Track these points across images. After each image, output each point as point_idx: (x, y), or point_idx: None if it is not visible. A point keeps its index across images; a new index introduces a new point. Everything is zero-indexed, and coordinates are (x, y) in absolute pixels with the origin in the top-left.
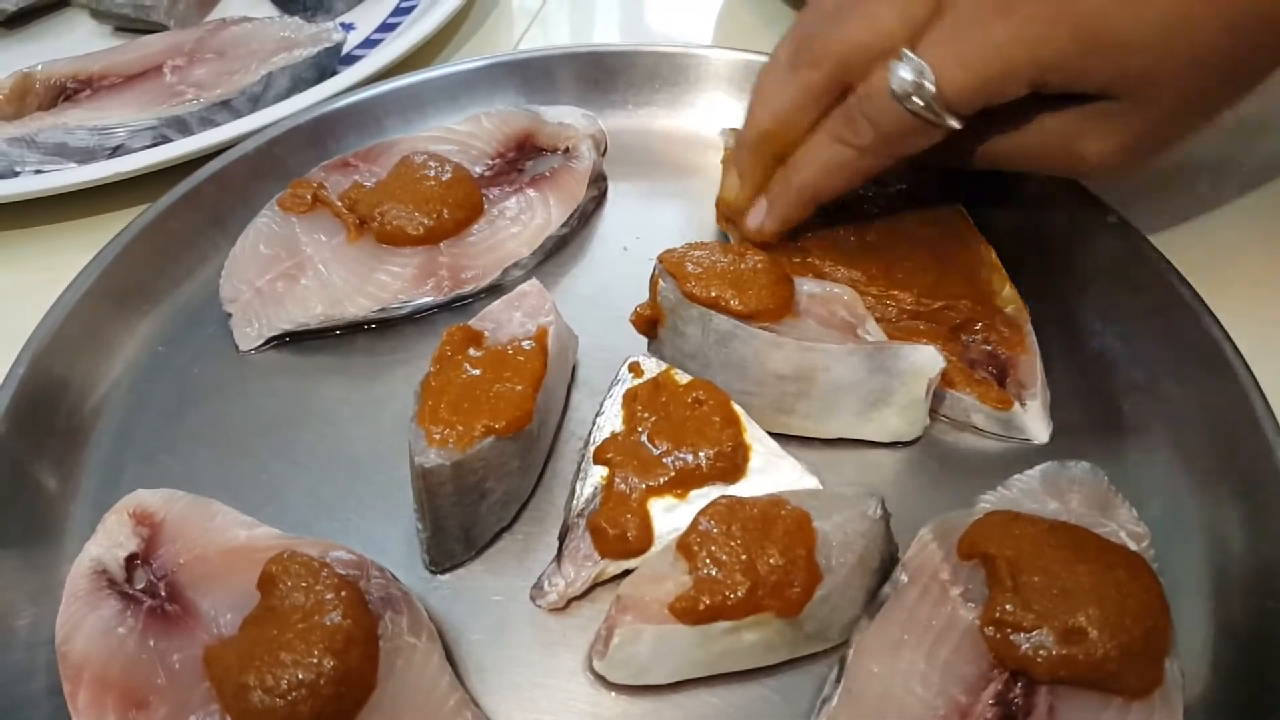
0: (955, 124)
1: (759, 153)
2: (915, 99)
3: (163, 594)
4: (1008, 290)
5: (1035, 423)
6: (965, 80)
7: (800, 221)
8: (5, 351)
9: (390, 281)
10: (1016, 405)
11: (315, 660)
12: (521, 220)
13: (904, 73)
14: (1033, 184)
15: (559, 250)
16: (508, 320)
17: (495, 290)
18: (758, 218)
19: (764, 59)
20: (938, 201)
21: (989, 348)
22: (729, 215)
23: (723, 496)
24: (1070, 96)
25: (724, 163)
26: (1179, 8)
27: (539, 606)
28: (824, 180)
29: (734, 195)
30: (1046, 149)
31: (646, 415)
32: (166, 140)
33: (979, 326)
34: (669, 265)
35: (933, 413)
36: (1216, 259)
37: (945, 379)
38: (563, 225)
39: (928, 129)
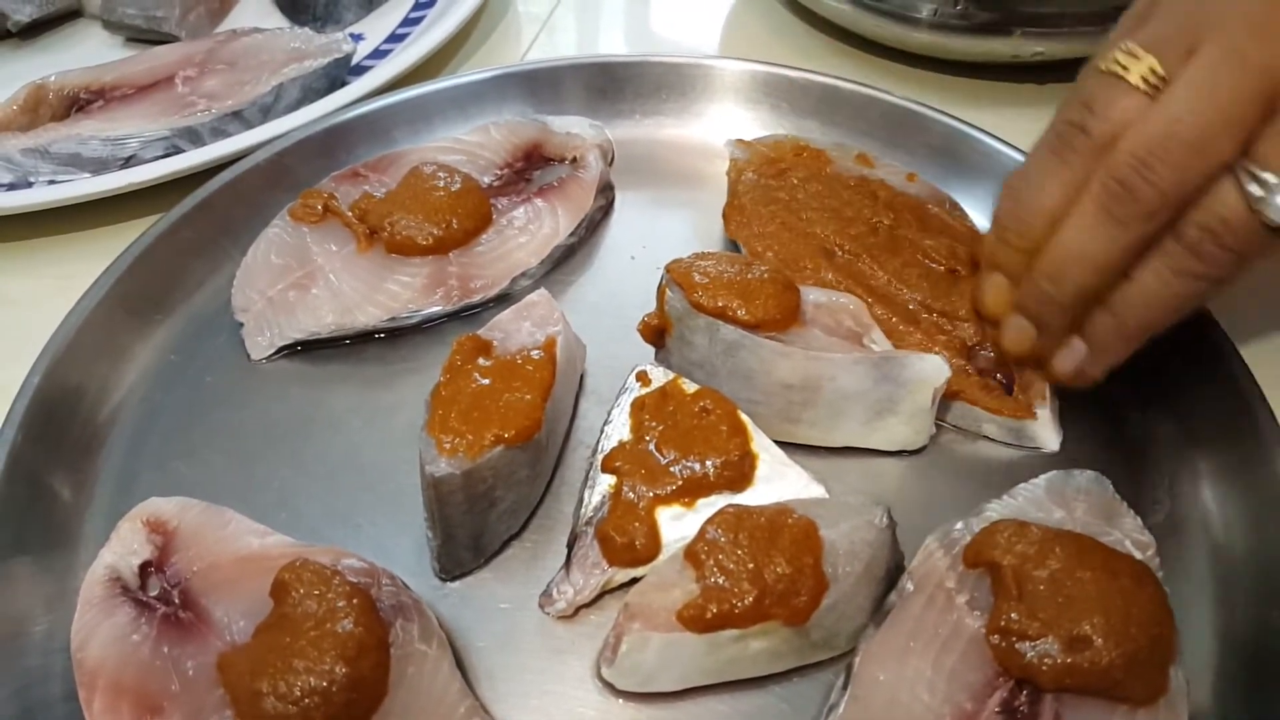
0: None
1: (1073, 308)
2: None
3: (176, 601)
4: None
5: (1045, 431)
6: None
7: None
8: (21, 360)
9: (400, 291)
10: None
11: (328, 667)
12: (530, 230)
13: None
14: None
15: (567, 259)
16: (516, 330)
17: (504, 299)
18: (1074, 362)
19: (772, 69)
20: (944, 205)
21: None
22: (1008, 359)
23: (730, 505)
24: None
25: (728, 174)
26: None
27: (547, 614)
28: (1166, 317)
29: (1024, 346)
30: None
31: (654, 424)
32: (178, 150)
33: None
34: (676, 275)
35: (943, 422)
36: None
37: (955, 389)
38: (570, 235)
39: None
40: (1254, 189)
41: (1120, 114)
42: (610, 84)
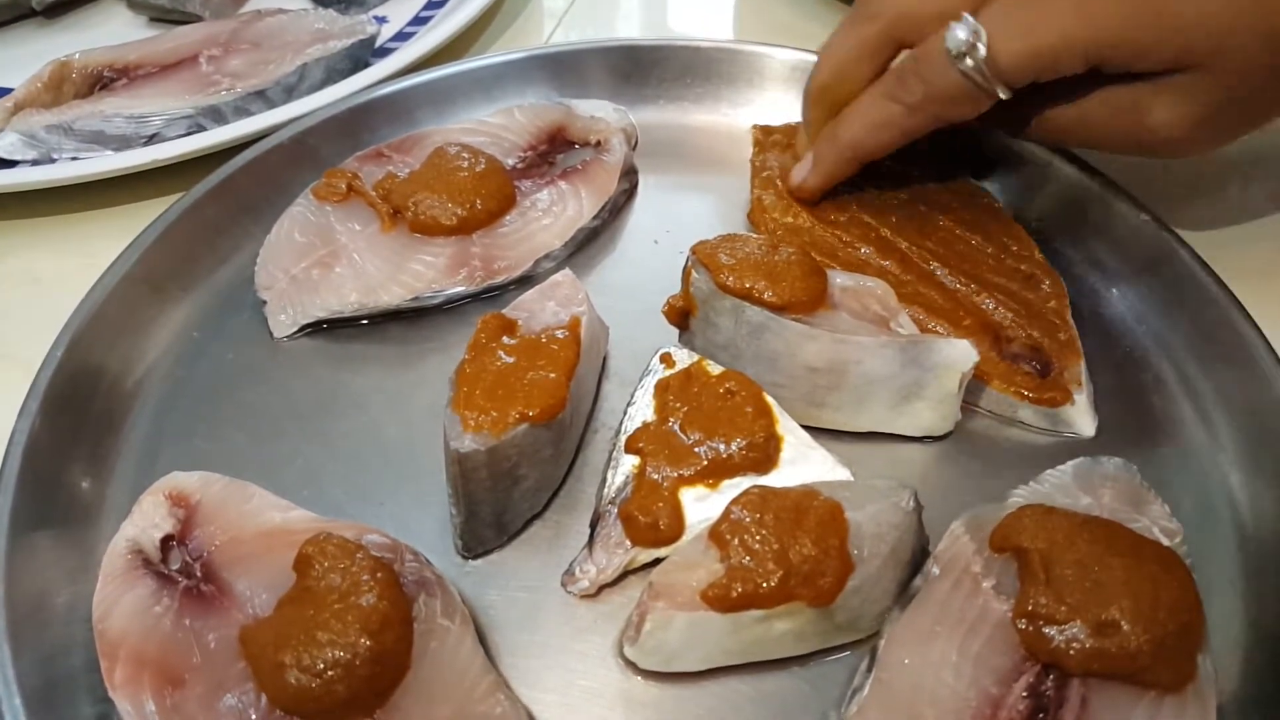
0: (1003, 93)
1: (818, 105)
2: (968, 60)
3: (198, 574)
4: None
5: (1082, 417)
6: (1019, 49)
7: (842, 179)
8: (44, 336)
9: (423, 271)
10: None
11: (351, 640)
12: (553, 212)
13: (960, 32)
14: (1065, 182)
15: (590, 242)
16: (541, 309)
17: (527, 281)
18: (801, 172)
19: (795, 54)
20: (969, 190)
21: (1033, 335)
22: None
23: (755, 486)
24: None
25: (752, 161)
26: None
27: (570, 593)
28: (869, 136)
29: (801, 148)
30: (1112, 121)
31: (678, 405)
32: (202, 129)
33: (1020, 321)
34: (702, 256)
35: (979, 408)
36: (1248, 255)
37: (987, 375)
38: (594, 218)
39: (977, 95)
40: (955, 29)
41: None
42: (634, 68)
